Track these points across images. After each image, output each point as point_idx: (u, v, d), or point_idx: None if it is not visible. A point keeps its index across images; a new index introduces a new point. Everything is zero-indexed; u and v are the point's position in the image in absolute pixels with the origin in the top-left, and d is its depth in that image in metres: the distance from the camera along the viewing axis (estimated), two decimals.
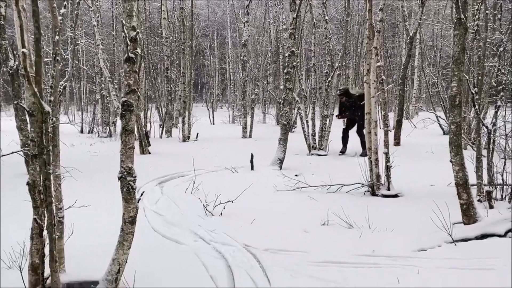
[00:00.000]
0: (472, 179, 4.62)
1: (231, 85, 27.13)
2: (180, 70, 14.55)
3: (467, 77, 5.13)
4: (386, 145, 5.83)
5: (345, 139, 9.85)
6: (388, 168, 5.78)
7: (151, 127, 13.23)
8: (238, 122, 20.63)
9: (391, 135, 8.98)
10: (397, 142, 10.99)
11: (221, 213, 4.98)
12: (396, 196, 5.69)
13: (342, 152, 9.75)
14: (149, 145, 10.56)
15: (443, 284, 3.08)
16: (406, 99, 16.24)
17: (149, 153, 10.24)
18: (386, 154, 5.78)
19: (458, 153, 4.18)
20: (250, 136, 14.25)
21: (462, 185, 4.17)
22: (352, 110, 9.57)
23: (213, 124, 21.08)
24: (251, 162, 7.71)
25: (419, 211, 4.81)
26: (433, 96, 15.36)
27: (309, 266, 3.49)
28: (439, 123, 13.59)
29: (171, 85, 15.40)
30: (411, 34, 11.53)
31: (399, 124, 11.44)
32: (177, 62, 15.61)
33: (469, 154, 5.20)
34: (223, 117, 22.94)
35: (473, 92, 5.07)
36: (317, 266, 3.48)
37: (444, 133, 13.16)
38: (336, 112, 10.38)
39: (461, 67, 4.15)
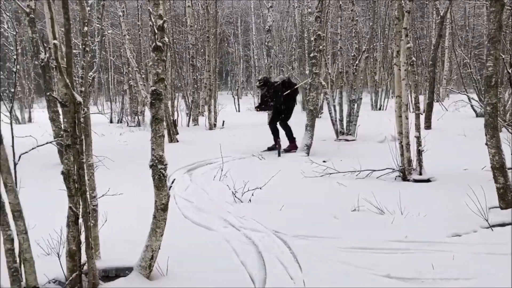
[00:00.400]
0: (509, 162, 4.46)
1: (255, 72, 27.02)
2: (205, 58, 14.58)
3: (504, 56, 4.92)
4: (418, 128, 5.69)
5: (275, 132, 8.64)
6: (419, 152, 5.65)
7: (178, 115, 13.36)
8: None
9: (422, 118, 8.76)
10: (428, 126, 10.72)
11: (250, 200, 4.99)
12: (428, 180, 5.56)
13: (271, 148, 8.50)
14: (177, 133, 10.69)
15: (480, 270, 2.99)
16: (436, 81, 15.78)
17: (177, 141, 10.37)
18: (418, 138, 5.64)
19: (494, 135, 4.04)
20: None
21: (498, 169, 4.04)
22: (275, 101, 8.55)
23: (239, 111, 21.11)
24: (278, 149, 7.69)
25: (453, 196, 4.69)
26: (464, 78, 14.86)
27: (340, 252, 3.47)
28: (471, 105, 13.16)
29: (197, 74, 15.46)
30: (441, 14, 11.14)
31: (430, 107, 11.15)
32: (202, 50, 15.63)
33: (505, 137, 5.01)
34: (249, 104, 22.93)
35: (510, 72, 4.86)
36: (348, 252, 3.45)
37: (477, 115, 12.74)
38: (362, 95, 10.10)
39: (498, 46, 3.98)
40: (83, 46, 3.09)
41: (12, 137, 2.72)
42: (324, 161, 6.86)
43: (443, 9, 11.37)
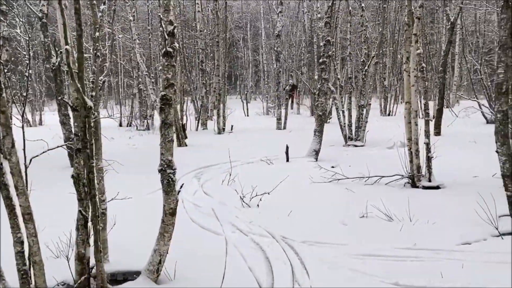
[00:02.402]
0: None
1: (264, 77, 27.07)
2: (215, 63, 14.64)
3: None
4: (427, 135, 5.65)
5: None
6: (429, 159, 5.60)
7: (187, 120, 13.41)
8: (272, 113, 20.57)
9: (431, 124, 8.69)
10: (437, 132, 10.63)
11: (258, 205, 4.99)
12: (437, 187, 5.51)
13: None
14: (186, 137, 10.73)
15: (489, 279, 2.96)
16: (446, 87, 15.68)
17: (186, 145, 10.41)
18: (427, 144, 5.60)
19: (505, 142, 4.00)
20: (284, 128, 14.19)
21: (509, 176, 3.99)
22: None
23: (247, 116, 21.13)
24: (287, 153, 7.68)
25: (462, 203, 4.64)
26: (475, 84, 14.74)
27: (348, 258, 3.45)
28: (482, 112, 13.04)
29: (206, 78, 15.53)
30: (452, 20, 11.07)
31: (439, 113, 11.06)
32: (211, 55, 15.70)
33: None
34: (257, 108, 22.95)
35: None
36: (356, 259, 3.43)
37: (488, 122, 12.62)
38: (371, 100, 10.02)
39: (509, 53, 3.94)
40: (94, 51, 3.12)
41: (24, 141, 2.75)
42: (332, 167, 6.84)
43: (453, 15, 11.30)
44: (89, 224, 2.80)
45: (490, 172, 5.65)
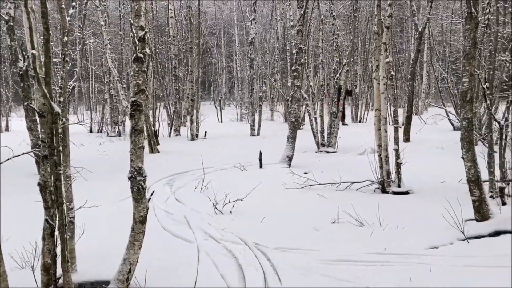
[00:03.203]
0: (484, 175, 4.56)
1: (238, 83, 27.13)
2: (188, 69, 14.57)
3: (478, 72, 5.06)
4: (396, 141, 5.78)
5: None
6: (398, 165, 5.73)
7: (159, 126, 13.27)
8: (246, 120, 20.62)
9: (400, 131, 8.89)
10: (406, 138, 10.90)
11: (231, 212, 4.97)
12: (407, 193, 5.64)
13: None
14: (158, 144, 10.60)
15: (456, 283, 3.04)
16: (415, 94, 16.10)
17: (158, 151, 10.28)
18: (396, 150, 5.73)
19: (470, 149, 4.13)
20: (258, 134, 14.24)
21: (474, 182, 4.12)
22: None
23: (221, 122, 21.10)
24: (260, 160, 7.70)
25: (431, 208, 4.76)
26: (442, 92, 15.21)
27: (320, 264, 3.47)
28: (449, 119, 13.46)
29: (179, 84, 15.43)
30: (420, 29, 11.41)
31: (408, 120, 11.35)
32: (184, 60, 15.64)
33: (480, 150, 5.14)
34: (231, 115, 22.95)
35: (485, 87, 5.00)
36: (328, 264, 3.46)
37: (454, 129, 13.03)
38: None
39: (472, 62, 4.09)
40: (63, 56, 3.06)
41: None
42: (305, 173, 6.89)
43: (421, 24, 11.65)
44: (56, 233, 2.73)
45: (457, 177, 5.82)
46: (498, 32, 6.12)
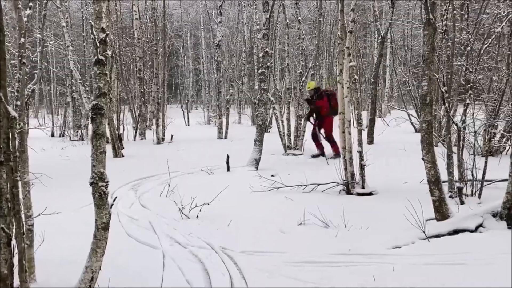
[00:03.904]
0: (444, 175, 4.73)
1: (205, 86, 26.99)
2: (153, 71, 14.38)
3: (437, 76, 5.24)
4: (360, 143, 5.90)
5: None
6: (362, 167, 5.85)
7: (124, 129, 13.01)
8: (213, 123, 20.53)
9: (364, 133, 9.09)
10: (370, 141, 11.16)
11: (197, 216, 4.93)
12: (370, 194, 5.77)
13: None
14: (123, 147, 10.39)
15: (418, 281, 3.12)
16: (378, 98, 16.52)
17: (123, 156, 10.07)
18: (360, 152, 5.85)
19: (430, 150, 4.27)
20: (225, 137, 14.20)
21: (434, 182, 4.26)
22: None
23: (188, 125, 20.92)
24: (227, 163, 7.68)
25: (394, 209, 4.87)
26: (404, 95, 15.68)
27: (286, 266, 3.50)
28: (410, 121, 13.86)
29: (144, 87, 15.18)
30: (382, 34, 11.72)
31: (372, 122, 11.62)
32: (150, 63, 15.42)
33: (440, 151, 5.32)
34: (198, 118, 22.79)
35: (443, 90, 5.19)
36: (294, 266, 3.49)
37: (416, 131, 13.43)
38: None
39: (431, 67, 4.24)
40: (19, 58, 2.95)
41: None
42: (272, 175, 6.93)
43: (383, 29, 11.98)
44: (13, 242, 2.62)
45: (419, 178, 6.00)
46: (455, 37, 6.37)
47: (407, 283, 3.09)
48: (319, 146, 9.17)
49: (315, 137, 9.20)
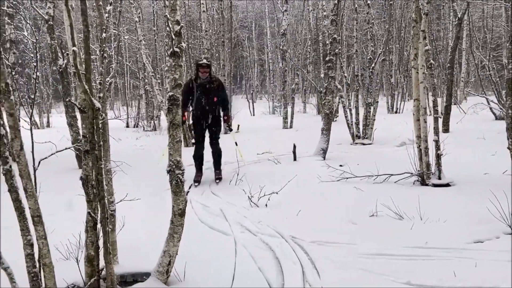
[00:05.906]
0: None
1: (270, 76, 27.05)
2: (220, 63, 14.62)
3: None
4: (436, 132, 5.59)
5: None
6: (438, 156, 5.54)
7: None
8: (278, 112, 20.56)
9: (440, 121, 8.61)
10: (446, 129, 10.55)
11: (266, 205, 4.97)
12: (448, 185, 5.45)
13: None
14: (193, 137, 10.71)
15: (503, 278, 2.91)
16: (454, 83, 15.55)
17: (193, 145, 10.38)
18: (436, 141, 5.55)
19: None
20: (291, 127, 14.15)
21: None
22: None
23: (254, 115, 21.13)
24: (294, 152, 7.64)
25: (474, 201, 4.58)
26: (483, 80, 14.61)
27: (358, 258, 3.41)
28: (490, 108, 12.92)
29: None
30: (459, 15, 10.97)
31: (448, 110, 10.97)
32: (216, 55, 15.70)
33: None
34: (263, 108, 22.94)
35: None
36: (366, 258, 3.39)
37: (496, 118, 12.51)
38: (378, 98, 9.98)
39: None
40: (101, 53, 3.11)
41: (32, 143, 2.75)
42: (340, 165, 6.79)
43: (460, 10, 11.19)
44: (98, 226, 2.80)
45: (501, 169, 5.58)
46: None
47: (491, 280, 2.89)
48: None
49: None
